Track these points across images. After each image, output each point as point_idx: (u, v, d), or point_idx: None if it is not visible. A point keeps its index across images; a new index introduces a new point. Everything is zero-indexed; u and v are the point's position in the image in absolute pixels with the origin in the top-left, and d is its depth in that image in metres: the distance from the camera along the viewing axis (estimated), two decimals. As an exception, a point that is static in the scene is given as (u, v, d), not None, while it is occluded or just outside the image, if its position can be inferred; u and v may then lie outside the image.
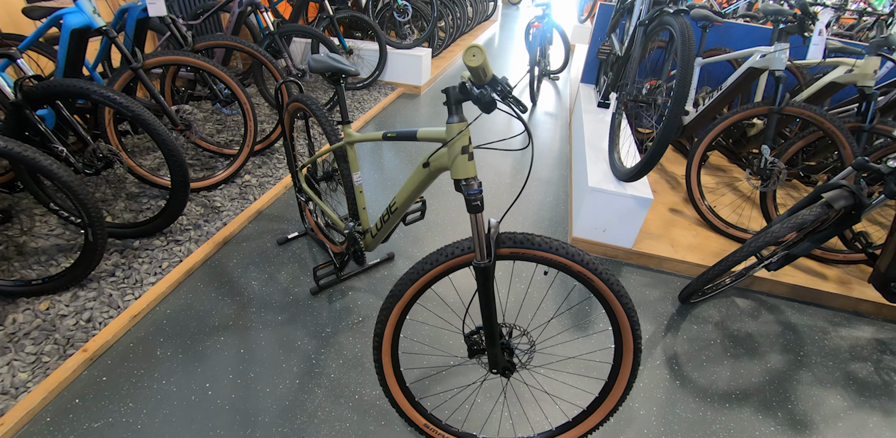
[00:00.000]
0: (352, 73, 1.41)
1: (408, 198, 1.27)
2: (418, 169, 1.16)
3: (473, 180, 1.01)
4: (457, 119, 0.99)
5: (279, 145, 2.76)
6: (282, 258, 1.98)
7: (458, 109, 0.99)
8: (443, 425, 1.31)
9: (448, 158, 1.03)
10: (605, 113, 2.71)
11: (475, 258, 1.02)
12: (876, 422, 1.57)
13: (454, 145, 1.01)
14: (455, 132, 1.00)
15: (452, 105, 0.98)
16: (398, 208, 1.32)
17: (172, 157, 1.68)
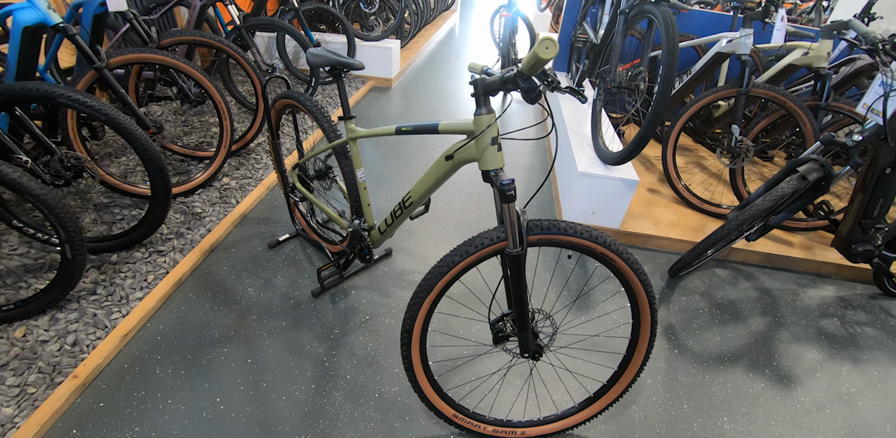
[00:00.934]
0: (356, 66, 1.33)
1: (426, 192, 1.22)
2: (439, 162, 1.13)
3: (502, 171, 1.00)
4: (485, 111, 0.99)
5: (254, 145, 2.61)
6: (276, 262, 1.88)
7: (485, 100, 0.98)
8: (471, 413, 1.30)
9: (476, 149, 1.02)
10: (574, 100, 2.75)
11: (508, 247, 1.02)
12: (847, 370, 1.71)
13: (484, 137, 0.99)
14: (485, 124, 0.99)
15: (481, 97, 0.97)
16: (413, 203, 1.27)
17: (153, 162, 1.53)
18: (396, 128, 1.21)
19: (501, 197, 0.98)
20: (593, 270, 2.03)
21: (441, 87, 4.01)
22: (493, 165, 1.00)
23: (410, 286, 1.84)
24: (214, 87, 1.91)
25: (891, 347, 1.84)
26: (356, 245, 1.55)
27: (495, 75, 0.96)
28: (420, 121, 3.28)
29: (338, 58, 1.33)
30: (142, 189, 1.98)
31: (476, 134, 1.00)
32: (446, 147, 2.97)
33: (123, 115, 1.45)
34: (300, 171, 1.74)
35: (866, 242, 1.87)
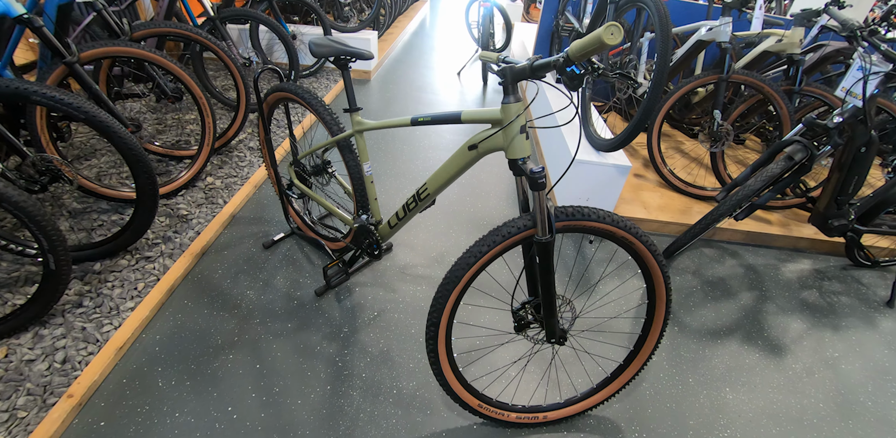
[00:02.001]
0: (366, 56, 1.25)
1: (444, 183, 1.17)
2: (461, 152, 1.08)
3: (529, 159, 0.97)
4: (513, 99, 0.96)
5: (236, 142, 2.46)
6: (272, 263, 1.79)
7: (514, 88, 0.94)
8: (494, 402, 1.28)
9: (504, 138, 0.99)
10: (564, 87, 2.75)
11: (537, 234, 1.00)
12: (829, 337, 1.80)
13: (513, 126, 0.96)
14: (514, 112, 0.96)
15: (509, 84, 0.93)
16: (430, 194, 1.22)
17: (139, 163, 1.40)
18: (412, 119, 1.15)
19: (532, 185, 0.96)
20: (613, 252, 2.04)
21: (421, 78, 3.92)
22: (522, 153, 0.98)
23: (415, 279, 1.79)
24: (196, 83, 1.77)
25: (864, 313, 1.95)
26: (363, 241, 1.48)
27: (523, 62, 0.92)
28: (404, 113, 3.20)
29: (345, 47, 1.25)
30: (124, 192, 1.83)
31: (506, 123, 0.97)
32: (449, 137, 2.90)
33: (105, 113, 1.31)
34: (297, 167, 1.64)
35: (841, 217, 1.96)
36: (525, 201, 1.08)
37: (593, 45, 0.76)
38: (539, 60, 0.88)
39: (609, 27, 0.74)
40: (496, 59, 1.04)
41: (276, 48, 3.37)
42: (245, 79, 2.08)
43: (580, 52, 0.79)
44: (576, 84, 0.84)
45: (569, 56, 0.80)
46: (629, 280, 1.93)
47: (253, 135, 2.54)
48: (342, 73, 1.31)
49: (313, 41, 1.28)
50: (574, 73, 0.82)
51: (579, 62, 0.82)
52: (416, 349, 1.51)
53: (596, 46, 0.76)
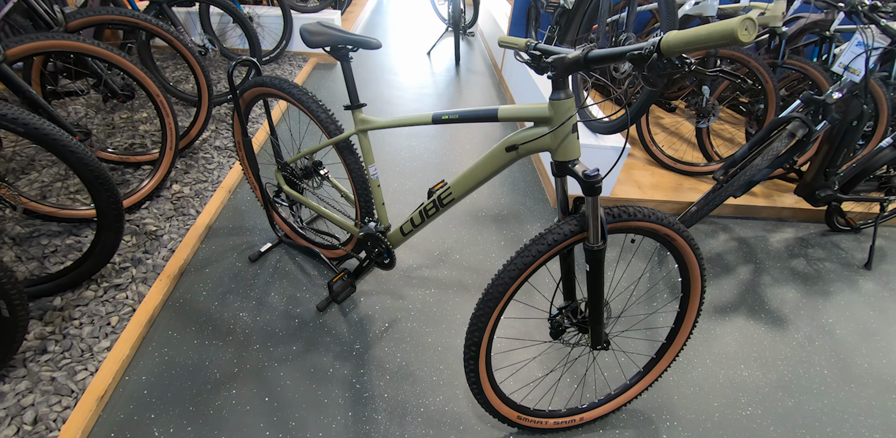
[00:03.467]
0: (372, 44, 1.04)
1: (473, 187, 1.02)
2: (496, 154, 0.93)
3: (579, 161, 0.84)
4: (564, 95, 0.81)
5: (199, 142, 2.15)
6: (263, 277, 1.58)
7: (565, 82, 0.80)
8: (531, 411, 1.19)
9: (553, 139, 0.84)
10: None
11: (588, 241, 0.89)
12: (822, 304, 1.82)
13: (565, 125, 0.83)
14: (566, 110, 0.82)
15: (560, 78, 0.79)
16: (454, 200, 1.05)
17: (96, 179, 1.14)
18: (434, 116, 0.97)
19: (586, 190, 0.84)
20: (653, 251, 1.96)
21: (389, 59, 3.62)
22: (574, 154, 0.86)
23: (422, 283, 1.64)
24: (151, 78, 1.48)
25: (847, 276, 1.99)
26: (371, 250, 1.31)
27: (574, 52, 0.76)
28: (378, 98, 2.94)
29: (346, 35, 1.03)
30: (80, 211, 1.54)
31: (557, 122, 0.83)
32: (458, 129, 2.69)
33: (48, 122, 1.04)
34: (285, 171, 1.42)
35: (827, 187, 1.96)
36: (565, 202, 0.96)
37: (716, 40, 0.58)
38: (596, 51, 0.72)
39: (745, 21, 0.56)
40: (525, 45, 0.88)
41: (228, 33, 2.98)
42: (205, 70, 1.78)
43: (684, 47, 0.62)
44: (656, 82, 0.68)
45: (662, 49, 0.64)
46: (645, 275, 1.86)
47: (218, 133, 2.23)
48: (341, 64, 1.09)
49: (307, 28, 1.05)
50: (660, 69, 0.66)
51: (672, 57, 0.65)
52: (436, 359, 1.38)
53: (719, 43, 0.59)
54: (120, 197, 1.23)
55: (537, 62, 0.86)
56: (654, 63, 0.65)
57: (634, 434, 1.26)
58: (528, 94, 2.56)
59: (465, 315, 1.53)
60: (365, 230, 1.27)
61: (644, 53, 0.65)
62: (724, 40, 0.58)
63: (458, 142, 2.58)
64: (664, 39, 0.63)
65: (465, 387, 1.31)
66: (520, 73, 2.76)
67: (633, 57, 0.66)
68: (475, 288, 1.65)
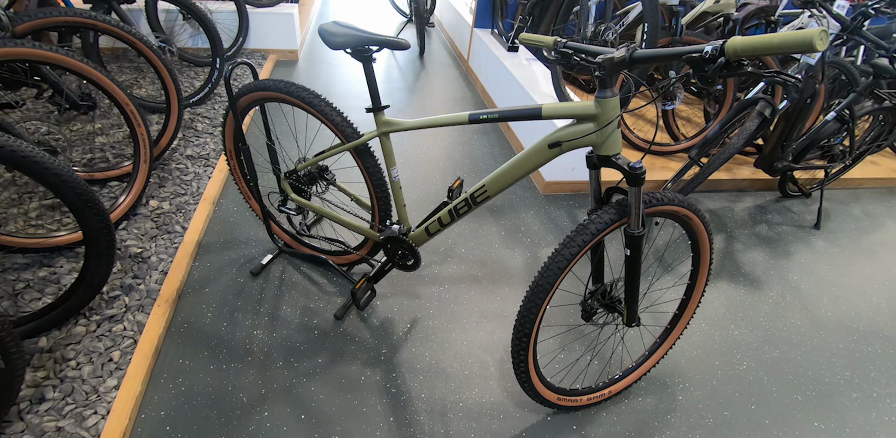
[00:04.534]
0: (402, 45, 0.96)
1: (510, 184, 1.00)
2: (539, 150, 0.92)
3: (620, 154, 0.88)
4: (610, 93, 0.82)
5: (167, 154, 1.94)
6: (270, 291, 1.48)
7: (611, 81, 0.81)
8: (567, 391, 1.23)
9: (600, 135, 0.86)
10: (519, 57, 2.58)
11: (630, 227, 0.93)
12: (786, 263, 2.00)
13: (611, 122, 0.84)
14: (612, 108, 0.83)
15: (609, 77, 0.80)
16: (488, 197, 1.03)
17: (83, 199, 0.99)
18: (470, 116, 0.94)
19: (631, 180, 0.87)
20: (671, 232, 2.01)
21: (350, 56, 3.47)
22: (617, 148, 0.88)
23: (434, 279, 1.61)
24: (119, 86, 1.30)
25: (802, 237, 2.19)
26: (395, 252, 1.26)
27: (617, 51, 0.77)
28: (349, 95, 2.81)
29: (372, 35, 0.95)
30: (56, 238, 1.35)
31: (604, 120, 0.84)
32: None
33: (22, 143, 0.89)
34: (291, 178, 1.32)
35: (783, 159, 2.14)
36: (599, 192, 0.99)
37: (791, 48, 0.58)
38: (644, 51, 0.74)
39: (821, 32, 0.57)
40: (552, 44, 0.89)
41: (177, 30, 2.70)
42: (173, 73, 1.60)
43: (751, 52, 0.62)
44: (712, 82, 0.69)
45: (727, 53, 0.64)
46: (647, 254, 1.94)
47: (188, 140, 2.03)
48: (364, 66, 1.01)
49: (328, 29, 0.96)
50: (722, 70, 0.66)
51: (737, 60, 0.65)
52: (465, 353, 1.37)
53: (793, 50, 0.59)
54: (109, 219, 1.09)
55: (567, 60, 0.89)
56: (719, 66, 0.66)
57: (655, 400, 1.34)
58: (504, 85, 2.55)
59: (483, 308, 1.53)
60: (388, 233, 1.21)
61: (705, 56, 0.66)
62: (800, 48, 0.59)
63: (442, 136, 2.54)
64: (730, 44, 0.64)
65: (498, 377, 1.32)
66: (492, 64, 2.75)
67: (693, 59, 0.68)
68: (486, 280, 1.64)
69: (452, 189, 1.21)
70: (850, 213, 2.47)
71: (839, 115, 2.01)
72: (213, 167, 1.91)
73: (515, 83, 2.36)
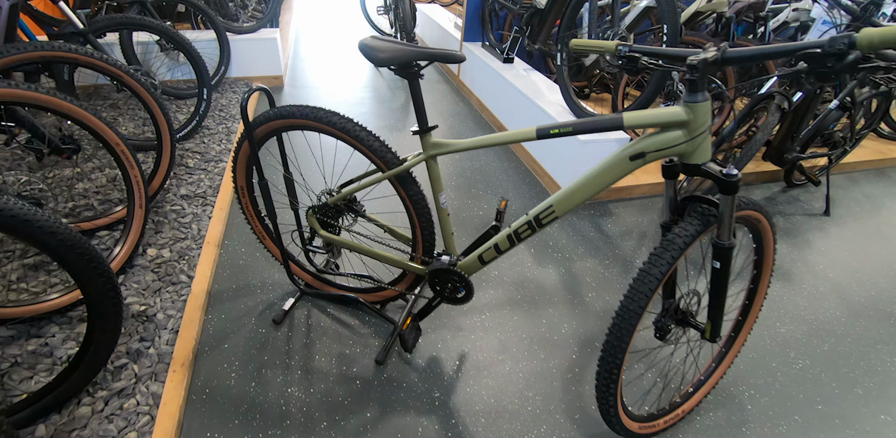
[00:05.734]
0: (457, 58, 0.86)
1: (580, 203, 0.90)
2: (619, 163, 0.83)
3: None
4: (702, 97, 0.75)
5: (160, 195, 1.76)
6: (297, 340, 1.32)
7: (703, 84, 0.74)
8: (646, 416, 1.14)
9: (692, 143, 0.78)
10: (516, 68, 2.52)
11: (720, 239, 0.87)
12: (809, 253, 1.96)
13: (704, 128, 0.77)
14: (704, 112, 0.76)
15: (702, 78, 0.73)
16: (556, 218, 0.93)
17: (85, 260, 0.83)
18: (538, 130, 0.84)
19: (725, 188, 0.79)
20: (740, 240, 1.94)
21: (338, 75, 3.33)
22: (707, 156, 0.81)
23: (472, 309, 1.48)
24: (110, 126, 1.14)
25: (816, 225, 2.17)
26: (443, 286, 1.13)
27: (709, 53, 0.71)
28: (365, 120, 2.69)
29: (423, 49, 0.85)
30: (50, 302, 1.16)
31: (697, 127, 0.77)
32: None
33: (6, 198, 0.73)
34: (320, 213, 1.17)
35: (792, 150, 2.14)
36: (675, 202, 0.91)
37: None
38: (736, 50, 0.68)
39: None
40: (613, 49, 0.82)
41: (151, 61, 2.53)
42: (164, 108, 1.45)
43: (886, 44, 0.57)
44: (835, 78, 0.63)
45: (861, 46, 0.58)
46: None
47: (179, 179, 1.86)
48: (410, 84, 0.90)
49: (370, 45, 0.84)
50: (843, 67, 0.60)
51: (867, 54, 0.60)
52: (523, 386, 1.24)
53: None
54: (115, 279, 0.93)
55: (633, 64, 0.82)
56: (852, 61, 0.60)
57: (726, 413, 1.25)
58: (505, 97, 2.48)
59: (530, 333, 1.41)
60: (436, 266, 1.08)
61: (833, 51, 0.60)
62: None
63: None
64: (864, 37, 0.59)
65: (564, 410, 1.19)
66: (488, 77, 2.69)
67: (814, 55, 0.61)
68: (527, 303, 1.53)
69: (501, 212, 1.10)
70: (852, 197, 2.49)
71: (841, 102, 2.02)
72: (211, 206, 1.74)
73: (519, 94, 2.30)
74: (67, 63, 1.18)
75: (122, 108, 2.42)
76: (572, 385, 1.27)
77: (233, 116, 2.50)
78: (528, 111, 2.27)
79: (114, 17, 1.62)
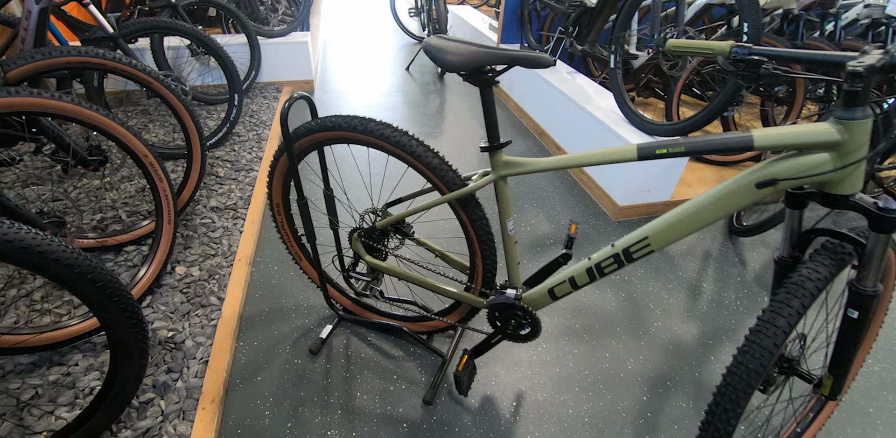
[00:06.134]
0: (545, 62, 0.71)
1: (684, 235, 0.75)
2: (741, 192, 0.69)
3: None
4: (863, 113, 0.60)
5: (190, 206, 1.67)
6: (336, 373, 1.19)
7: (866, 96, 0.59)
8: None
9: (841, 172, 0.63)
10: (559, 71, 2.36)
11: (863, 284, 0.70)
12: None
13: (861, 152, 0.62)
14: (864, 133, 0.60)
15: (866, 89, 0.58)
16: (651, 252, 0.77)
17: (106, 294, 0.72)
18: (641, 150, 0.70)
19: (880, 225, 0.64)
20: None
21: (369, 80, 3.22)
22: (858, 185, 0.65)
23: (529, 339, 1.32)
24: (140, 140, 1.05)
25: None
26: (505, 321, 0.98)
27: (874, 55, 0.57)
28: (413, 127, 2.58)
29: (503, 51, 0.71)
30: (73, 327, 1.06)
31: (855, 148, 0.61)
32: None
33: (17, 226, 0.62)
34: (367, 237, 1.04)
35: (872, 161, 1.91)
36: (797, 235, 0.77)
37: None
38: None
39: None
40: (727, 51, 0.67)
41: (184, 67, 2.48)
42: (195, 116, 1.35)
43: None
44: None
45: None
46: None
47: (210, 189, 1.77)
48: (482, 92, 0.76)
49: (438, 46, 0.71)
50: None
51: None
52: (589, 433, 1.08)
53: None
54: (141, 312, 0.81)
55: (753, 70, 0.67)
56: None
57: None
58: (549, 101, 2.32)
59: (594, 369, 1.24)
60: (499, 300, 0.94)
61: None
62: None
63: (469, 158, 2.29)
64: None
65: (651, 471, 1.02)
66: (529, 80, 2.53)
67: None
68: (586, 333, 1.36)
69: (571, 237, 0.94)
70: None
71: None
72: (242, 219, 1.64)
73: (565, 99, 2.14)
74: (94, 69, 1.09)
75: (154, 114, 2.37)
76: (645, 432, 1.10)
77: (263, 122, 2.41)
78: (575, 117, 2.11)
79: (144, 20, 1.55)
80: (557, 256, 0.97)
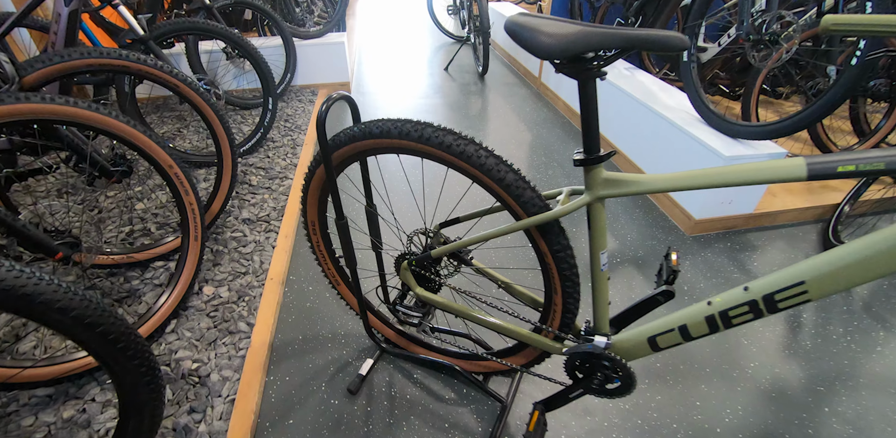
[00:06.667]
0: (675, 44, 0.53)
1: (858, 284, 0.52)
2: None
3: None
4: None
5: (220, 218, 1.55)
6: (378, 418, 1.02)
7: None
8: None
9: None
10: (617, 67, 2.12)
11: None
12: None
13: None
14: None
15: None
16: (807, 301, 0.56)
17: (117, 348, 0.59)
18: (812, 168, 0.50)
19: None
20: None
21: (408, 81, 3.06)
22: None
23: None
24: (167, 151, 0.93)
25: None
26: (589, 373, 0.78)
27: None
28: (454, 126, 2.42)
29: (620, 31, 0.52)
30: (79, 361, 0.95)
31: None
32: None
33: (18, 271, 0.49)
34: (419, 267, 0.87)
35: None
36: None
37: None
38: None
39: None
40: None
41: (217, 70, 2.42)
42: (226, 123, 1.24)
43: None
44: None
45: None
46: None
47: (241, 199, 1.66)
48: (581, 86, 0.58)
49: (523, 23, 0.54)
50: None
51: None
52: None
53: None
54: (157, 365, 0.67)
55: None
56: None
57: None
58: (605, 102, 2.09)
59: (683, 423, 1.02)
60: (582, 348, 0.74)
61: None
62: None
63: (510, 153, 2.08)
64: None
65: None
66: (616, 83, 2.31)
67: None
68: (670, 375, 1.13)
69: (674, 270, 0.74)
70: None
71: None
72: (275, 233, 1.51)
73: (626, 97, 1.91)
74: (118, 72, 0.98)
75: (188, 119, 2.31)
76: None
77: (298, 127, 2.30)
78: (639, 117, 1.87)
79: (175, 21, 1.45)
80: (655, 293, 0.76)
